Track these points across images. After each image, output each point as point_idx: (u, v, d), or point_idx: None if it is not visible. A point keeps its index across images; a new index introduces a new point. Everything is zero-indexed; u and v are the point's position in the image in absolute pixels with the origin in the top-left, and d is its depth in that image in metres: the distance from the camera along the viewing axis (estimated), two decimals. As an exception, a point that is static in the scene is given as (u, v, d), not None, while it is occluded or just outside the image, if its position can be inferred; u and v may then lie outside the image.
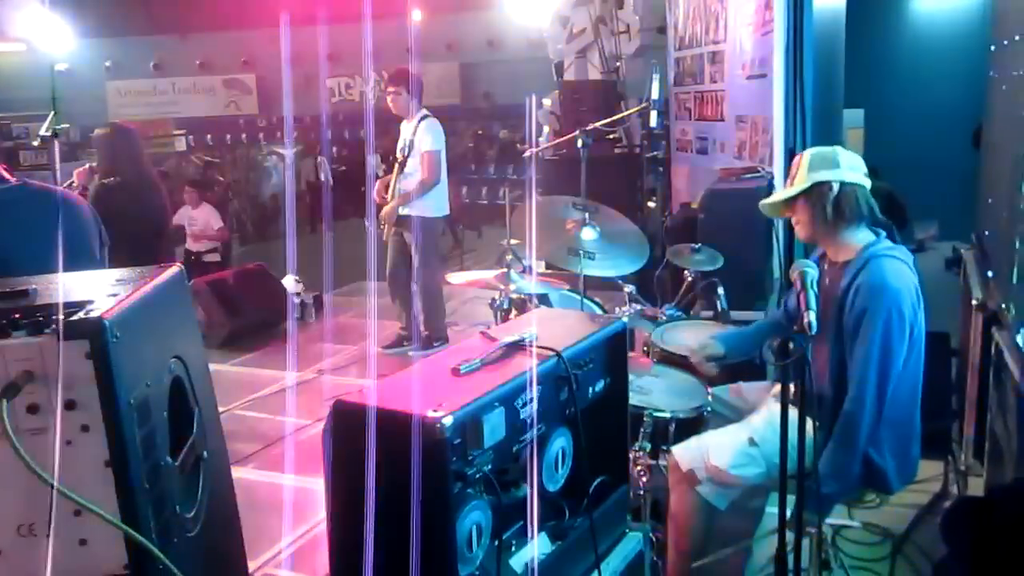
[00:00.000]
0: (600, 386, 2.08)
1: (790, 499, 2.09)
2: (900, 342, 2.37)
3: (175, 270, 1.63)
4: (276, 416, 4.77)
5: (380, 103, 5.88)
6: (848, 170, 2.47)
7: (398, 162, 5.55)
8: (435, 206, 5.58)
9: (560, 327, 2.07)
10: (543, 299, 3.91)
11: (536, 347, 1.88)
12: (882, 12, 8.59)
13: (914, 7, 8.88)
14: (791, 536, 2.09)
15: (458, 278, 4.40)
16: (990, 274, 3.57)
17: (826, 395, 2.50)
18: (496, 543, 1.72)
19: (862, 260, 2.44)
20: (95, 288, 1.46)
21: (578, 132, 4.07)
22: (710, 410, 2.87)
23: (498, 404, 1.68)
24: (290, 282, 6.95)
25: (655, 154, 8.07)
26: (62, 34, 7.84)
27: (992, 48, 4.01)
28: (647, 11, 8.23)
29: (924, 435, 2.59)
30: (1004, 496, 2.59)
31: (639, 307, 3.75)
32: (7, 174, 2.19)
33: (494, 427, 1.67)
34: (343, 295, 7.56)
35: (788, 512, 2.07)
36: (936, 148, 6.17)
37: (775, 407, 2.43)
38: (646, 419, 2.88)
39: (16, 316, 1.27)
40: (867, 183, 2.50)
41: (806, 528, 2.29)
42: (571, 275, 3.83)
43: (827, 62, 6.16)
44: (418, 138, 5.45)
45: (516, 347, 1.89)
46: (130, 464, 1.27)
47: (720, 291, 3.88)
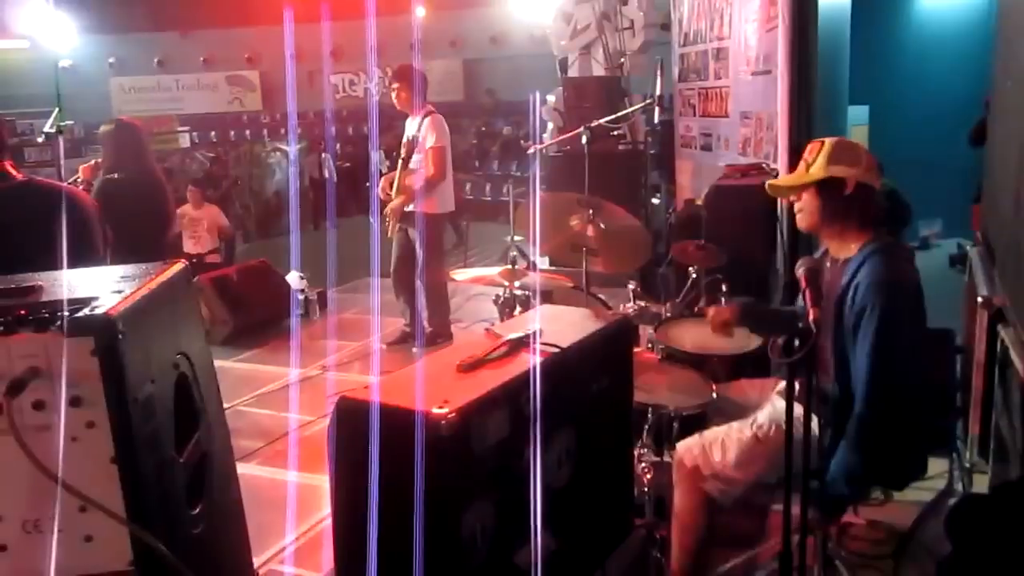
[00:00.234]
0: (604, 383, 2.08)
1: (795, 496, 2.08)
2: (902, 339, 2.35)
3: (180, 267, 1.63)
4: (280, 412, 4.77)
5: (384, 99, 5.88)
6: (867, 169, 2.42)
7: (402, 158, 5.54)
8: (440, 202, 5.57)
9: (564, 324, 2.07)
10: (547, 296, 3.90)
11: (540, 344, 1.88)
12: (887, 7, 8.56)
13: (920, 2, 8.85)
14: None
15: (462, 275, 4.39)
16: (996, 271, 3.56)
17: (830, 392, 2.49)
18: (499, 540, 1.72)
19: (862, 257, 2.42)
20: (100, 285, 1.46)
21: (582, 128, 4.07)
22: (714, 407, 2.86)
23: (502, 401, 1.68)
24: (294, 278, 6.95)
25: (658, 151, 8.06)
26: (66, 31, 7.87)
27: (998, 44, 3.99)
28: (651, 7, 8.23)
29: (929, 432, 2.58)
30: (1009, 493, 2.59)
31: (643, 304, 3.75)
32: (13, 171, 2.19)
33: (498, 424, 1.67)
34: (347, 291, 7.56)
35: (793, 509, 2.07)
36: (941, 145, 6.15)
37: (780, 404, 2.42)
38: (650, 416, 2.88)
39: (22, 312, 1.27)
40: (879, 185, 2.47)
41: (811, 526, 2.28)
42: (575, 271, 3.83)
43: (832, 58, 6.15)
44: (424, 134, 5.44)
45: (520, 344, 1.89)
46: (136, 460, 1.28)
47: (724, 288, 3.89)
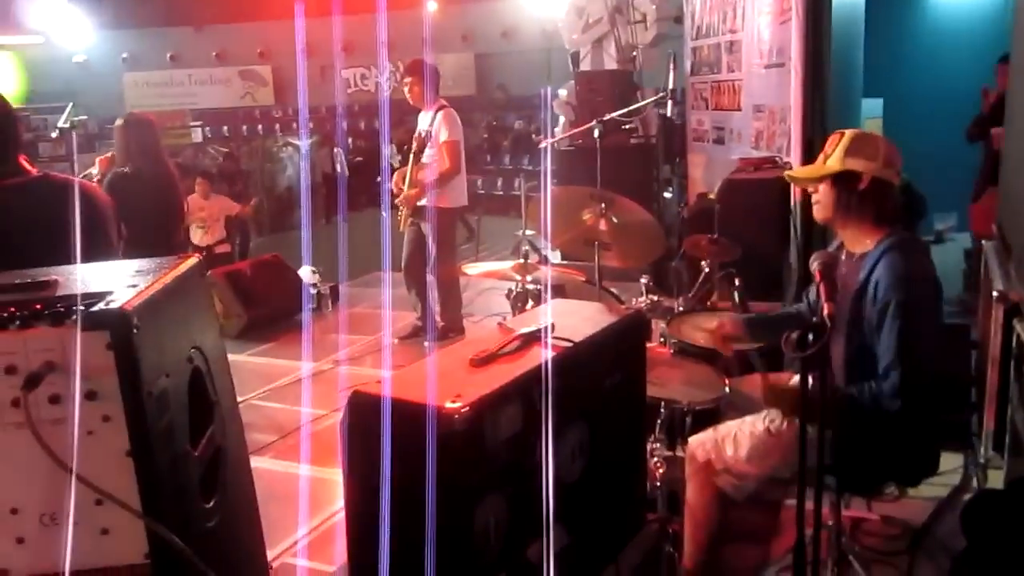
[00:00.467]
0: (617, 377, 2.07)
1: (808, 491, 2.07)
2: (927, 327, 2.34)
3: (194, 261, 1.64)
4: (293, 406, 4.79)
5: (396, 94, 5.88)
6: (885, 165, 2.39)
7: (414, 152, 5.54)
8: (452, 197, 5.57)
9: (577, 318, 2.06)
10: (559, 290, 3.90)
11: (553, 338, 1.88)
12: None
13: (934, -6, 8.78)
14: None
15: (474, 269, 4.39)
16: (1012, 265, 3.53)
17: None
18: (512, 534, 1.72)
19: (879, 252, 2.40)
20: (115, 279, 1.46)
21: (594, 122, 4.06)
22: (727, 401, 2.86)
23: (515, 395, 1.68)
24: (306, 273, 6.97)
25: (670, 145, 8.02)
26: (79, 26, 7.89)
27: (1013, 35, 3.95)
28: (663, 0, 8.18)
29: (944, 427, 2.56)
30: (1025, 489, 2.57)
31: (656, 298, 3.74)
32: (28, 166, 2.20)
33: (510, 418, 1.67)
34: (359, 286, 7.58)
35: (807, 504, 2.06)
36: (955, 138, 6.09)
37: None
38: (663, 410, 2.88)
39: (37, 307, 1.28)
40: (897, 181, 2.44)
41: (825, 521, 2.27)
42: (587, 266, 3.82)
43: (846, 51, 6.11)
44: (437, 129, 5.44)
45: (533, 338, 1.89)
46: (151, 454, 1.28)
47: (737, 282, 3.87)
